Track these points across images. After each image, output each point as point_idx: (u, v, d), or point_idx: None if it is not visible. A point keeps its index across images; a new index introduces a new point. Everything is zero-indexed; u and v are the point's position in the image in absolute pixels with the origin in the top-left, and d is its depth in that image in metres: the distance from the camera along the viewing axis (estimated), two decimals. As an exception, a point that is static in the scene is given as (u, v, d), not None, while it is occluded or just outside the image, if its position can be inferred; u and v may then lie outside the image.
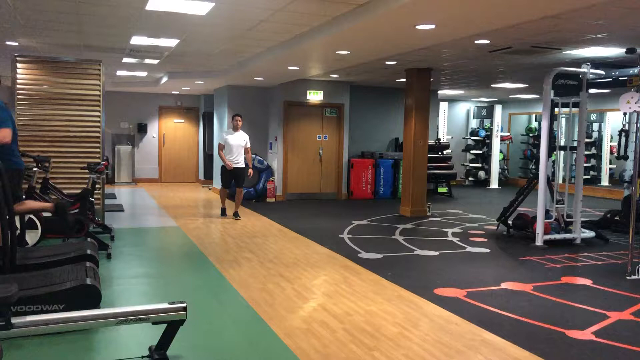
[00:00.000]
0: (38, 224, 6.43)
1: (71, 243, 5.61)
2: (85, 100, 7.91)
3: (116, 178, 15.18)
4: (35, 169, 6.90)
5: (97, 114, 7.96)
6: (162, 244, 7.69)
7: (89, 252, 4.92)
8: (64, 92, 7.82)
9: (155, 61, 9.90)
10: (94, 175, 7.01)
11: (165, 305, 3.33)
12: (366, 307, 4.71)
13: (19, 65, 7.72)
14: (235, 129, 9.36)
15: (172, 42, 7.92)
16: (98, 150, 7.94)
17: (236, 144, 9.30)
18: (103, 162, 7.33)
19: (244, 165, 9.40)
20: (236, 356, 3.72)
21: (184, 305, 3.33)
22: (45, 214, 6.32)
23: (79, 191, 7.06)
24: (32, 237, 6.39)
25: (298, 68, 9.55)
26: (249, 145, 9.47)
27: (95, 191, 7.49)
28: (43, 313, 3.75)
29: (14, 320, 2.95)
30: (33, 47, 8.57)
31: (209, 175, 14.88)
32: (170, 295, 4.91)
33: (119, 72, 11.89)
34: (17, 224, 5.79)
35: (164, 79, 12.37)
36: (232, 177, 9.40)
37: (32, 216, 6.32)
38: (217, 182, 13.47)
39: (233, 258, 6.48)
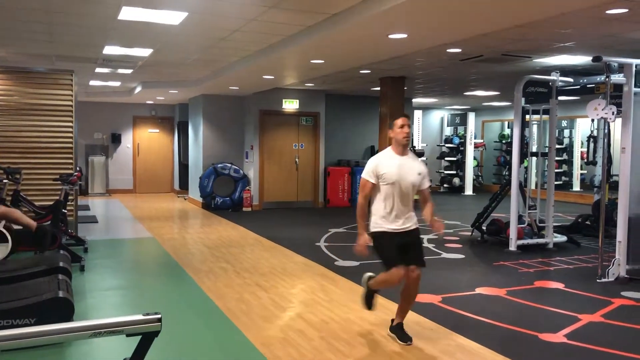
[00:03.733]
0: (8, 236, 6.30)
1: (43, 256, 5.52)
2: (57, 110, 7.81)
3: (90, 189, 14.97)
4: (5, 181, 6.77)
5: (70, 124, 7.86)
6: (136, 255, 7.60)
7: (61, 264, 4.84)
8: (35, 102, 7.71)
9: (129, 71, 9.82)
10: (66, 186, 6.92)
11: (140, 317, 3.26)
12: (343, 314, 4.72)
13: (-12, 75, 7.61)
14: (401, 146, 4.08)
15: (145, 52, 7.87)
16: (71, 161, 7.84)
17: (404, 181, 4.06)
18: (76, 173, 7.24)
19: (417, 225, 4.27)
20: (212, 367, 3.70)
21: (159, 316, 3.27)
22: (16, 227, 6.20)
23: (51, 203, 6.95)
24: (2, 251, 6.25)
25: (273, 77, 9.56)
26: (427, 183, 4.26)
27: (68, 203, 7.39)
28: (13, 327, 3.68)
29: (-17, 335, 2.89)
30: (3, 56, 8.43)
31: (184, 186, 14.77)
32: (145, 307, 4.86)
33: (92, 82, 11.76)
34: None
35: (138, 89, 12.27)
36: (403, 248, 4.06)
37: (1, 229, 6.20)
38: (194, 192, 13.36)
39: (209, 268, 6.44)
